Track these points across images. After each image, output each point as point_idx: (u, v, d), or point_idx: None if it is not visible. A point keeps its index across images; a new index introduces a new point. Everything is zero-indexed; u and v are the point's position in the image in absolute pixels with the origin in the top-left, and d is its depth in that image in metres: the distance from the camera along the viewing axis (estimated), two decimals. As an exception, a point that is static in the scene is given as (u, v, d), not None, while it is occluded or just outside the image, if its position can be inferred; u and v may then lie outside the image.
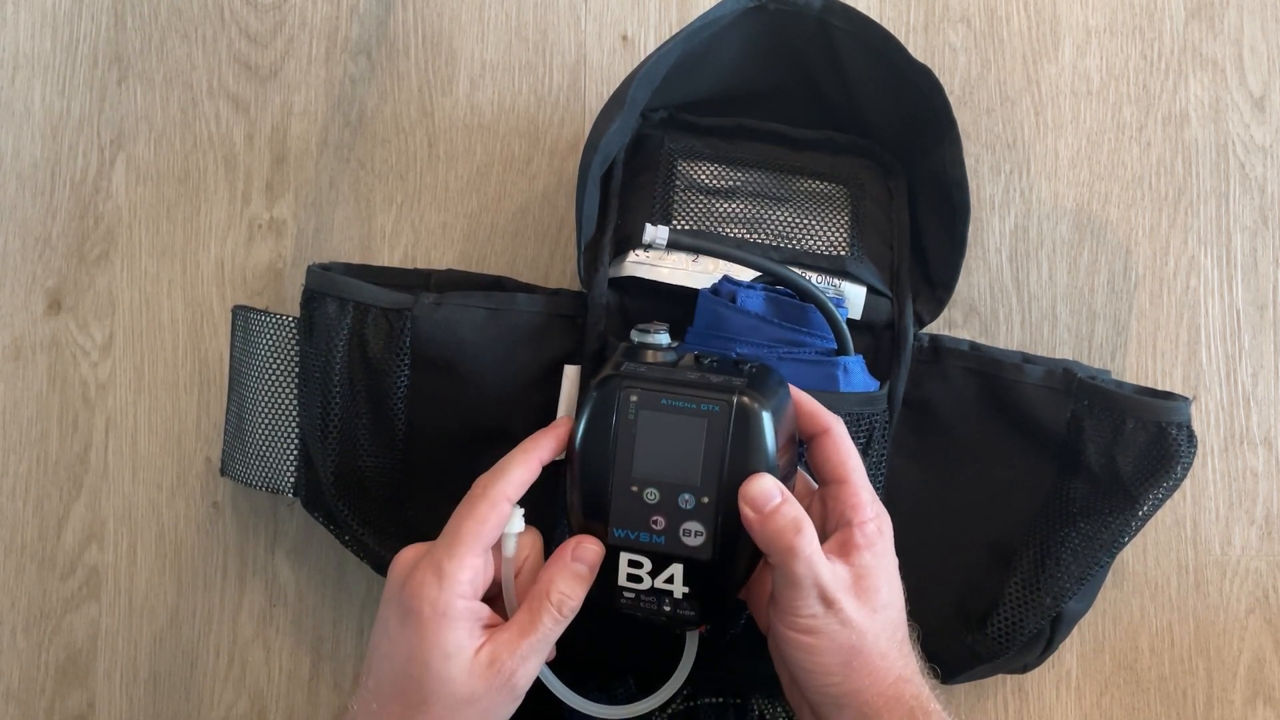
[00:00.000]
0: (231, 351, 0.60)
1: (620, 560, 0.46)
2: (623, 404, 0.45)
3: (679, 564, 0.45)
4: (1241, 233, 0.63)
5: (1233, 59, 0.63)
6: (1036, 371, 0.56)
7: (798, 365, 0.51)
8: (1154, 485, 0.53)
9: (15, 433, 0.64)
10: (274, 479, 0.58)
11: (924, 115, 0.54)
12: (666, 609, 0.46)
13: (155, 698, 0.63)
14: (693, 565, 0.45)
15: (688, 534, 0.45)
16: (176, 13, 0.66)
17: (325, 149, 0.65)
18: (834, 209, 0.57)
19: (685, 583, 0.45)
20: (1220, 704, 0.61)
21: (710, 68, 0.56)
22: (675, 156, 0.57)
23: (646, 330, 0.48)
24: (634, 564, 0.46)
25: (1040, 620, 0.54)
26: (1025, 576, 0.54)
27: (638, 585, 0.46)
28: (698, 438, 0.44)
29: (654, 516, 0.45)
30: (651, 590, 0.46)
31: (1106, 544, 0.53)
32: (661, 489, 0.45)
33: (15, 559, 0.64)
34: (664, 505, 0.45)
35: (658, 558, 0.45)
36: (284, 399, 0.57)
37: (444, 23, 0.65)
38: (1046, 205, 0.63)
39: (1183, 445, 0.52)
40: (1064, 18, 0.64)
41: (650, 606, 0.46)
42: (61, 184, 0.65)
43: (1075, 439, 0.55)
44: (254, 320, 0.58)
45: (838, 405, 0.50)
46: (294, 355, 0.57)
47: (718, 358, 0.48)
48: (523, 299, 0.56)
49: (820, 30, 0.55)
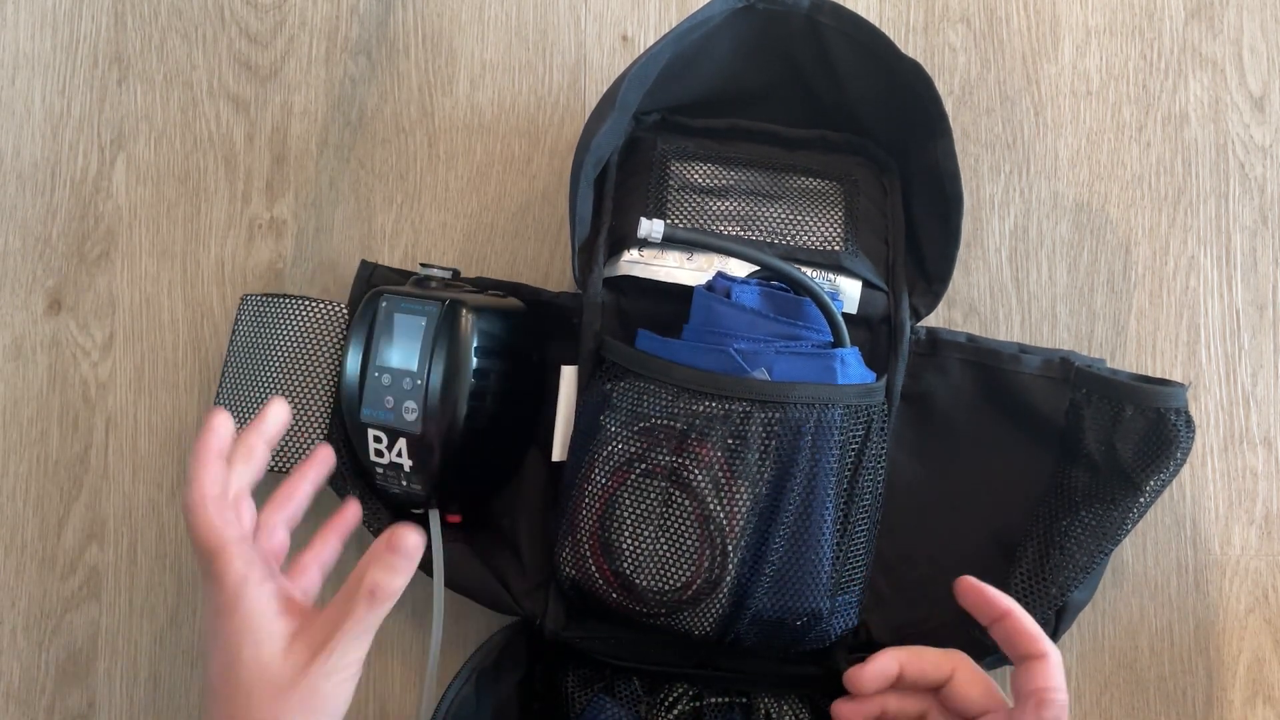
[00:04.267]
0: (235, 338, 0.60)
1: (368, 436, 0.54)
2: (378, 309, 0.55)
3: (403, 438, 0.53)
4: (1241, 233, 0.63)
5: (1233, 59, 0.63)
6: (1034, 361, 0.56)
7: (795, 358, 0.51)
8: (1155, 471, 0.52)
9: (15, 433, 0.64)
10: (297, 462, 0.58)
11: (915, 109, 0.55)
12: (403, 484, 0.54)
13: (155, 698, 0.63)
14: (410, 439, 0.53)
15: (408, 411, 0.53)
16: (176, 13, 0.66)
17: (325, 149, 0.65)
18: (828, 205, 0.57)
19: (409, 455, 0.53)
20: (1220, 703, 0.61)
21: (702, 69, 0.56)
22: (668, 157, 0.57)
23: (431, 265, 0.58)
24: (376, 439, 0.54)
25: (1046, 610, 0.54)
26: (1030, 567, 0.54)
27: (381, 460, 0.54)
28: (420, 331, 0.53)
29: (386, 397, 0.54)
30: (391, 465, 0.54)
31: (1109, 532, 0.53)
32: (393, 374, 0.54)
33: (15, 559, 0.64)
34: (393, 387, 0.54)
35: (389, 432, 0.54)
36: (322, 383, 0.59)
37: (444, 23, 0.65)
38: (1046, 205, 0.63)
39: (1181, 430, 0.52)
40: (1064, 18, 0.64)
41: (393, 481, 0.55)
42: (61, 184, 0.65)
43: (1075, 427, 0.55)
44: (299, 307, 0.59)
45: (836, 397, 0.50)
46: (338, 340, 0.59)
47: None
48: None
49: (809, 28, 0.55)
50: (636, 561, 0.51)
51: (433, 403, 0.53)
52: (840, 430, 0.51)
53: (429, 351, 0.53)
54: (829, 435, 0.50)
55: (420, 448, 0.53)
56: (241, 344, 0.60)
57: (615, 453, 0.51)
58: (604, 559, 0.52)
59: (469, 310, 0.54)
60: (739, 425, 0.49)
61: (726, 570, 0.50)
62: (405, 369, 0.54)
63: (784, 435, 0.49)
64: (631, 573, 0.51)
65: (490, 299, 0.56)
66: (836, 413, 0.50)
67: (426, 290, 0.55)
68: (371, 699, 0.62)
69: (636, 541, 0.51)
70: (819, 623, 0.52)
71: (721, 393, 0.50)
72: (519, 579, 0.56)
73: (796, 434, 0.50)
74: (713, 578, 0.50)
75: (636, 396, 0.51)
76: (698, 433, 0.50)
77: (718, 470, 0.49)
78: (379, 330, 0.55)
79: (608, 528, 0.51)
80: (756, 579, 0.50)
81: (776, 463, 0.50)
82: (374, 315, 0.55)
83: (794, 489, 0.50)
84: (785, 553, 0.50)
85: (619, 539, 0.51)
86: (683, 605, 0.51)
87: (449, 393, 0.53)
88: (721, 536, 0.50)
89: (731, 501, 0.50)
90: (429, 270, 0.58)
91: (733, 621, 0.51)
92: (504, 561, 0.57)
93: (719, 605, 0.50)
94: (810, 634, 0.52)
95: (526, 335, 0.57)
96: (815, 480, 0.50)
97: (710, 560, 0.50)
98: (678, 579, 0.50)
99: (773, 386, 0.50)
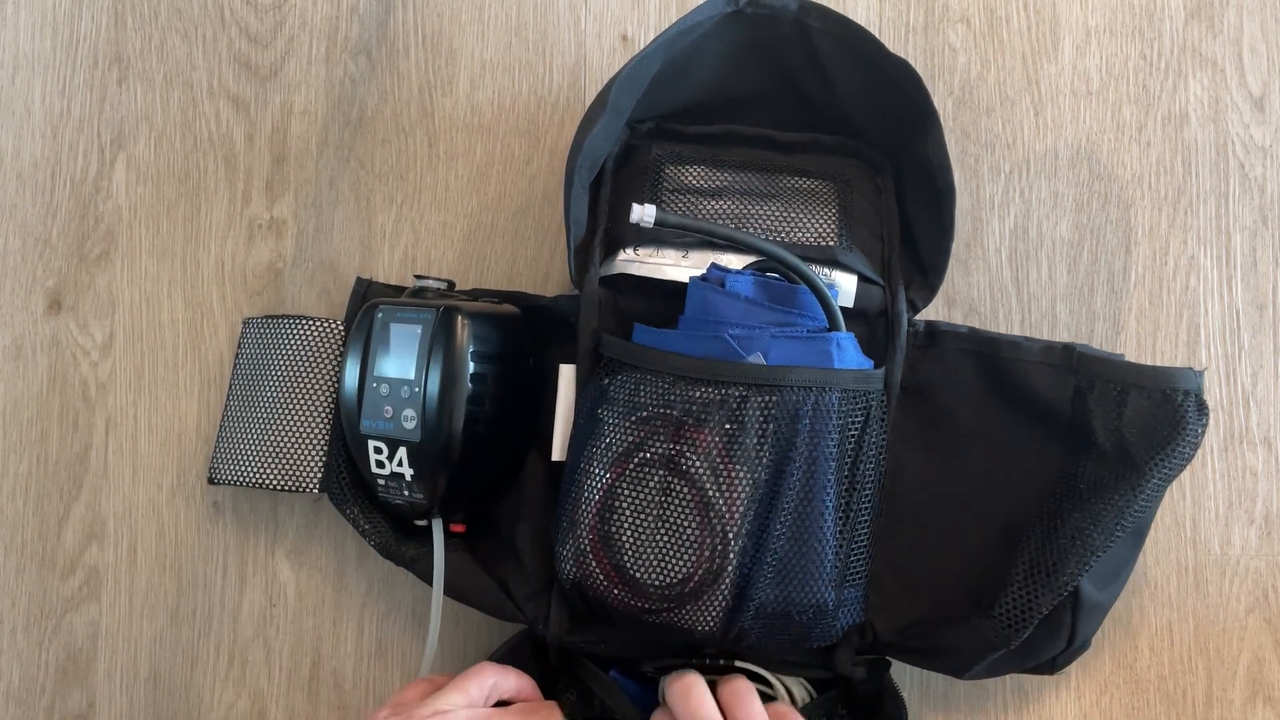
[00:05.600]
0: (239, 361, 0.61)
1: (369, 448, 0.54)
2: (374, 320, 0.55)
3: (403, 447, 0.54)
4: (1241, 233, 0.63)
5: (1233, 59, 0.63)
6: (1035, 347, 0.55)
7: (791, 343, 0.50)
8: (1162, 456, 0.51)
9: (15, 433, 0.64)
10: (300, 479, 0.58)
11: (904, 107, 0.55)
12: (405, 494, 0.55)
13: (155, 698, 0.63)
14: (410, 448, 0.53)
15: (407, 419, 0.53)
16: (176, 13, 0.66)
17: (325, 149, 0.65)
18: (822, 203, 0.57)
19: (410, 464, 0.54)
20: (1220, 703, 0.61)
21: (694, 76, 0.57)
22: (663, 161, 0.58)
23: (425, 276, 0.59)
24: (377, 450, 0.54)
25: (1050, 600, 0.52)
26: (1032, 555, 0.53)
27: (382, 472, 0.54)
28: (416, 340, 0.53)
29: (385, 407, 0.54)
30: (392, 476, 0.54)
31: (1114, 520, 0.51)
32: (391, 383, 0.54)
33: (15, 559, 0.64)
34: (392, 397, 0.54)
35: (389, 442, 0.54)
36: (321, 400, 0.59)
37: (444, 23, 0.65)
38: (1046, 205, 0.63)
39: (1190, 412, 0.51)
40: (1064, 18, 0.64)
41: (395, 492, 0.55)
42: (61, 184, 0.65)
43: (1080, 415, 0.54)
44: (296, 327, 0.60)
45: (832, 380, 0.50)
46: (335, 357, 0.59)
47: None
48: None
49: (798, 31, 0.55)
50: (637, 554, 0.51)
51: (431, 409, 0.53)
52: (839, 415, 0.50)
53: (426, 359, 0.53)
54: (827, 419, 0.50)
55: (421, 455, 0.54)
56: (244, 367, 0.61)
57: (613, 444, 0.51)
58: (604, 554, 0.52)
59: (464, 316, 0.54)
60: (736, 410, 0.49)
61: (728, 560, 0.50)
62: (403, 378, 0.54)
63: (781, 419, 0.49)
64: (632, 566, 0.51)
65: (485, 305, 0.56)
66: (834, 396, 0.50)
67: (422, 300, 0.55)
68: (370, 701, 0.62)
69: (636, 533, 0.51)
70: (824, 616, 0.52)
71: (717, 378, 0.49)
72: (520, 585, 0.56)
73: (794, 418, 0.49)
74: (714, 568, 0.50)
75: (633, 388, 0.51)
76: (695, 419, 0.50)
77: (716, 456, 0.49)
78: (376, 341, 0.55)
79: (607, 521, 0.51)
80: (759, 568, 0.50)
81: (775, 447, 0.49)
82: (370, 326, 0.55)
83: (793, 474, 0.49)
84: (787, 540, 0.50)
85: (619, 531, 0.51)
86: (685, 599, 0.50)
87: (447, 399, 0.53)
88: (722, 524, 0.50)
89: (731, 487, 0.49)
90: (424, 281, 0.58)
91: (736, 615, 0.51)
92: (506, 568, 0.57)
93: (721, 598, 0.50)
94: (816, 629, 0.52)
95: (523, 340, 0.57)
96: (815, 465, 0.50)
97: (711, 549, 0.50)
98: (679, 570, 0.50)
99: (769, 370, 0.49)
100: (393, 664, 0.62)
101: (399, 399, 0.54)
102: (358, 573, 0.63)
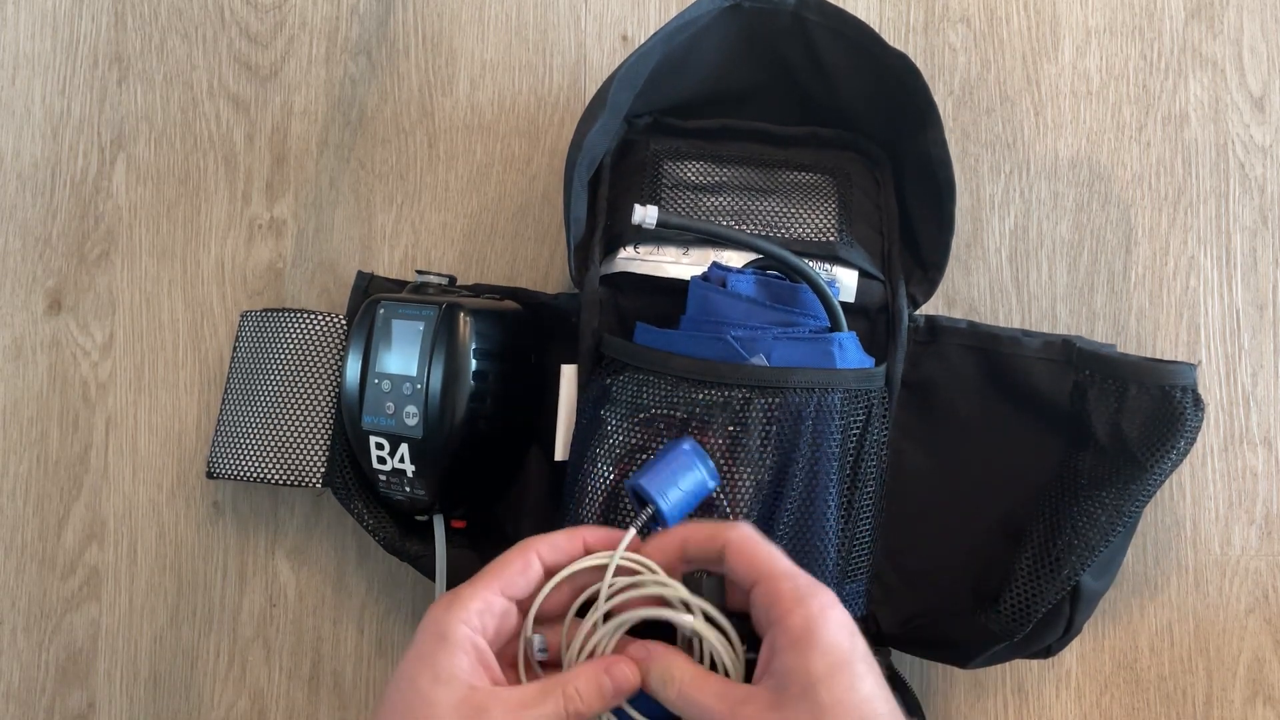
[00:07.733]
0: (237, 353, 0.61)
1: (370, 444, 0.54)
2: (375, 315, 0.55)
3: (405, 443, 0.53)
4: (1241, 233, 0.63)
5: (1233, 59, 0.63)
6: (1035, 343, 0.55)
7: (793, 344, 0.51)
8: (1161, 450, 0.51)
9: (15, 433, 0.64)
10: (302, 473, 0.58)
11: (904, 100, 0.55)
12: (406, 490, 0.54)
13: (155, 698, 0.63)
14: (412, 444, 0.53)
15: (409, 416, 0.53)
16: (176, 13, 0.66)
17: (325, 149, 0.65)
18: (821, 198, 0.57)
19: (411, 460, 0.53)
20: (1220, 703, 0.61)
21: (692, 70, 0.57)
22: (661, 157, 0.58)
23: (427, 271, 0.58)
24: (378, 446, 0.54)
25: (1054, 595, 0.53)
26: (1035, 551, 0.53)
27: (384, 468, 0.54)
28: (418, 336, 0.53)
29: (387, 403, 0.54)
30: (394, 472, 0.54)
31: (1114, 514, 0.52)
32: (393, 380, 0.54)
33: (15, 559, 0.64)
34: (393, 393, 0.54)
35: (390, 438, 0.54)
36: (323, 394, 0.59)
37: (444, 23, 0.65)
38: (1046, 205, 0.63)
39: (1188, 408, 0.51)
40: (1064, 18, 0.64)
41: (396, 488, 0.55)
42: (61, 184, 0.65)
43: (1079, 409, 0.54)
44: (298, 320, 0.59)
45: (835, 381, 0.50)
46: (338, 351, 0.59)
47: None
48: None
49: (796, 25, 0.55)
50: None
51: (433, 406, 0.53)
52: (841, 415, 0.51)
53: (428, 355, 0.53)
54: (829, 419, 0.50)
55: (422, 451, 0.53)
56: (243, 360, 0.61)
57: (616, 445, 0.51)
58: None
59: (466, 313, 0.54)
60: (739, 412, 0.49)
61: None
62: (405, 374, 0.54)
63: (784, 420, 0.49)
64: None
65: (487, 302, 0.56)
66: (836, 397, 0.50)
67: (424, 296, 0.55)
68: (370, 701, 0.62)
69: None
70: None
71: (720, 380, 0.50)
72: None
73: (797, 419, 0.49)
74: None
75: (636, 388, 0.51)
76: (698, 421, 0.50)
77: (719, 458, 0.49)
78: (377, 337, 0.55)
79: (611, 521, 0.51)
80: None
81: (778, 448, 0.49)
82: (372, 322, 0.55)
83: (796, 474, 0.49)
84: (790, 540, 0.50)
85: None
86: None
87: (449, 395, 0.53)
88: None
89: (734, 488, 0.49)
90: (425, 276, 0.58)
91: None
92: None
93: None
94: None
95: (524, 337, 0.57)
96: (818, 465, 0.50)
97: None
98: None
99: (771, 372, 0.49)
100: (393, 664, 0.62)
101: (401, 395, 0.54)
102: (358, 573, 0.63)
